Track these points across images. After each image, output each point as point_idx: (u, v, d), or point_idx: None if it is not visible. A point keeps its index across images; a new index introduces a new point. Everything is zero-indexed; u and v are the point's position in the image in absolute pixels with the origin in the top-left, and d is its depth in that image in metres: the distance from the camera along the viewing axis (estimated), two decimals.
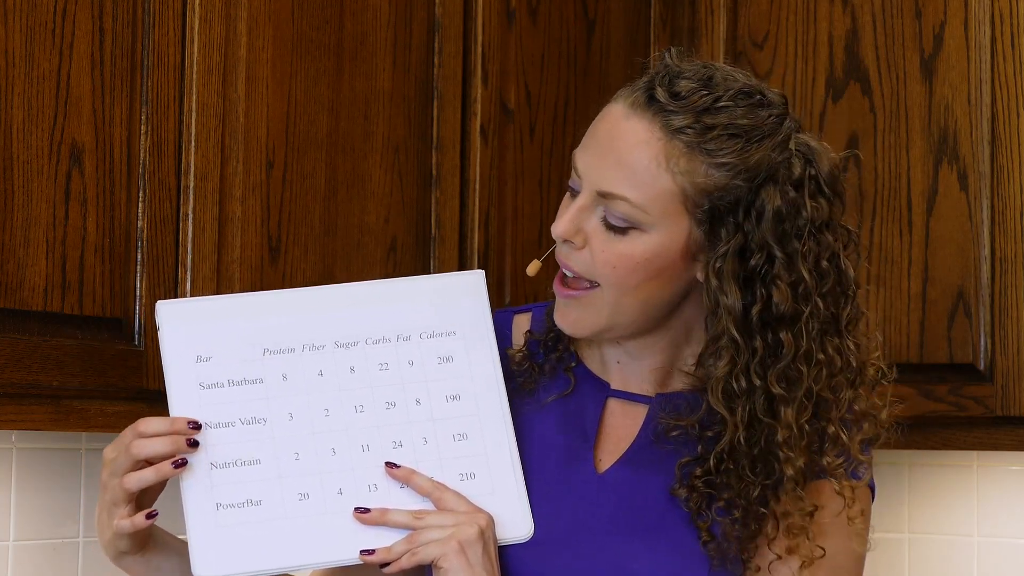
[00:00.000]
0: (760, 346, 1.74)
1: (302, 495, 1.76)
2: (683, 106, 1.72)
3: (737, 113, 1.73)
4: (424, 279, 1.88)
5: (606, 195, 1.74)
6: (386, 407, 1.80)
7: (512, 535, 1.81)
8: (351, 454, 1.78)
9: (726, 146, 1.72)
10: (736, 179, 1.71)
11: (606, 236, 1.75)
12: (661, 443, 1.83)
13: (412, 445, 1.80)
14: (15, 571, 2.28)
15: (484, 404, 1.83)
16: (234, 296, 1.88)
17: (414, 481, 1.78)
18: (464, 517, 1.75)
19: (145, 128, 2.02)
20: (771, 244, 1.73)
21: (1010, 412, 2.60)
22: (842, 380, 1.77)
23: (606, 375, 1.89)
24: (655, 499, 1.82)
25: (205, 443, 1.74)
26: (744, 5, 2.87)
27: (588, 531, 1.81)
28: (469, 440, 1.81)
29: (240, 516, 1.74)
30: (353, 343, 1.81)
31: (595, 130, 1.78)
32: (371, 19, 2.33)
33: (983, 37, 2.66)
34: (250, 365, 1.78)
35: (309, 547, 1.75)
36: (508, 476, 1.81)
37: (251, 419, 1.77)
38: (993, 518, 2.92)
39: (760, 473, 1.75)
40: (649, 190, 1.72)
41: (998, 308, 2.62)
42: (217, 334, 1.78)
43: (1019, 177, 2.61)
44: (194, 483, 1.74)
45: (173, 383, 1.76)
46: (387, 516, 1.76)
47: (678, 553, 1.79)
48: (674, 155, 1.72)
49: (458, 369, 1.83)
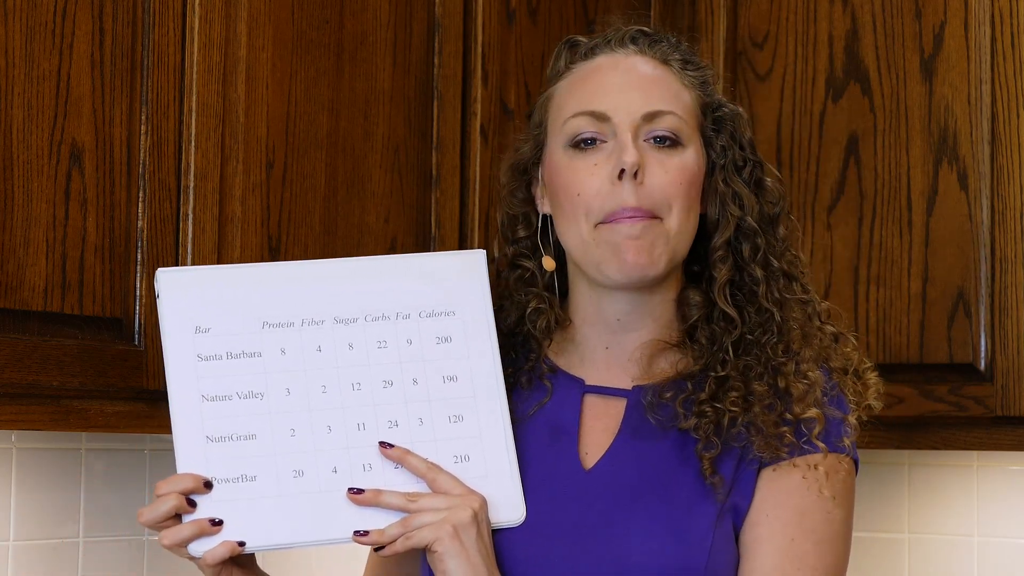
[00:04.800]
0: (763, 240, 1.90)
1: (297, 472, 1.76)
2: (659, 42, 1.93)
3: (685, 48, 1.96)
4: (426, 257, 1.88)
5: (653, 115, 1.86)
6: (383, 385, 1.80)
7: (505, 518, 1.81)
8: (346, 432, 1.78)
9: (697, 71, 1.93)
10: (711, 97, 1.93)
11: (660, 156, 1.86)
12: (643, 435, 1.85)
13: (408, 425, 1.80)
14: (15, 571, 2.28)
15: (480, 386, 1.83)
16: (235, 266, 1.87)
17: (408, 461, 1.78)
18: (458, 500, 1.76)
19: (145, 128, 2.02)
20: (750, 155, 1.93)
21: (1010, 412, 2.60)
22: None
23: (582, 371, 1.91)
24: (646, 489, 1.83)
25: (202, 415, 1.75)
26: (744, 5, 2.88)
27: (584, 528, 1.81)
28: (464, 422, 1.81)
29: (235, 491, 1.74)
30: (352, 319, 1.81)
31: (602, 78, 1.90)
32: (371, 19, 2.33)
33: (983, 37, 2.66)
34: (249, 338, 1.78)
35: (303, 526, 1.75)
36: (502, 459, 1.82)
37: (248, 393, 1.77)
38: (993, 518, 2.92)
39: (771, 351, 1.85)
40: (682, 104, 1.89)
41: (998, 308, 2.62)
42: (216, 305, 1.78)
43: (1019, 177, 2.62)
44: (189, 456, 1.74)
45: (171, 354, 1.76)
46: (381, 498, 1.76)
47: (677, 540, 1.79)
48: (678, 75, 1.91)
49: (456, 350, 1.83)
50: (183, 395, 1.76)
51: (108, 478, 2.41)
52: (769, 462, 1.82)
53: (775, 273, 1.90)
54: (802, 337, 1.87)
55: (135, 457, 2.44)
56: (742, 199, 1.91)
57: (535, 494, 1.83)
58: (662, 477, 1.83)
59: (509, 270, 1.97)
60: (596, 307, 1.91)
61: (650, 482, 1.83)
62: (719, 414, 1.82)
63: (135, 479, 2.44)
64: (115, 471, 2.42)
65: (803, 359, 1.85)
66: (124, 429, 2.01)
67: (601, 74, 1.90)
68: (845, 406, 1.86)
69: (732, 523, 1.82)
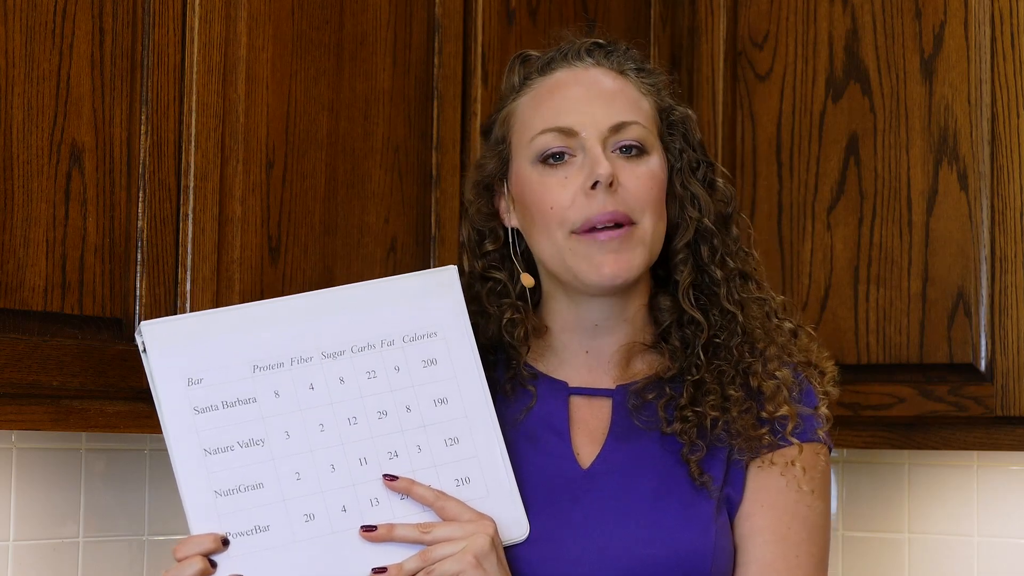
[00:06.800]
0: (719, 241, 1.94)
1: (308, 516, 1.76)
2: (613, 52, 1.97)
3: (636, 54, 2.00)
4: (399, 279, 1.88)
5: (619, 126, 1.89)
6: (378, 416, 1.81)
7: (510, 536, 1.81)
8: (350, 469, 1.79)
9: (651, 78, 1.97)
10: (664, 102, 1.96)
11: (629, 165, 1.89)
12: (634, 432, 1.88)
13: (407, 454, 1.80)
14: (15, 571, 2.28)
15: (470, 405, 1.84)
16: (217, 311, 1.86)
17: (415, 491, 1.79)
18: (471, 527, 1.77)
19: (145, 128, 2.02)
20: (701, 156, 1.97)
21: (1010, 412, 2.60)
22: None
23: (563, 374, 1.94)
24: (646, 483, 1.84)
25: (207, 470, 1.75)
26: (744, 5, 2.87)
27: (589, 528, 1.82)
28: (460, 444, 1.82)
29: (251, 544, 1.74)
30: (339, 352, 1.81)
31: (565, 92, 1.92)
32: (371, 19, 2.33)
33: (983, 37, 2.65)
34: (241, 384, 1.78)
35: (321, 569, 1.76)
36: (501, 476, 1.82)
37: (249, 441, 1.77)
38: (993, 518, 2.92)
39: (737, 352, 1.90)
40: (644, 113, 1.93)
41: (998, 308, 2.62)
42: (204, 353, 1.77)
43: (1019, 177, 2.61)
44: (200, 513, 1.74)
45: (167, 409, 1.76)
46: (394, 532, 1.77)
47: (683, 531, 1.82)
48: (636, 84, 1.95)
49: (443, 371, 1.83)
50: (185, 451, 1.76)
51: (108, 478, 2.41)
52: (751, 459, 1.88)
53: (732, 273, 1.94)
54: (764, 335, 1.92)
55: (135, 457, 2.44)
56: (699, 201, 1.94)
57: (536, 497, 1.84)
58: (660, 471, 1.86)
59: (480, 283, 1.98)
60: (574, 313, 1.92)
61: (648, 477, 1.85)
62: (700, 417, 1.87)
63: (135, 479, 2.44)
64: (115, 471, 2.42)
65: (769, 357, 1.91)
66: (124, 429, 2.01)
67: (563, 89, 1.92)
68: (814, 397, 1.92)
69: (727, 514, 1.87)
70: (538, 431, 1.90)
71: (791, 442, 1.88)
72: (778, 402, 1.88)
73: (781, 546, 1.86)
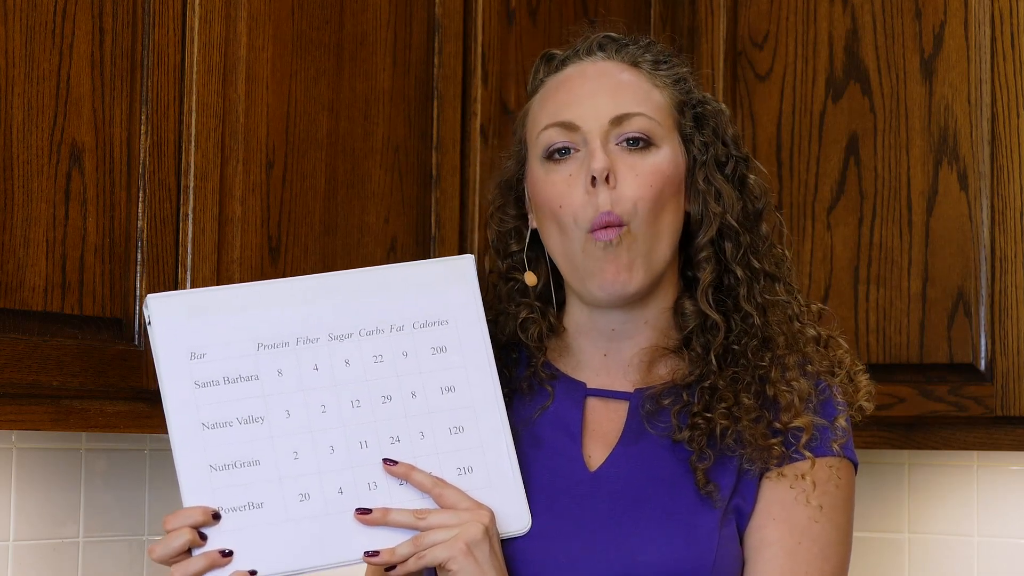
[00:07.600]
0: (745, 238, 1.89)
1: (303, 496, 1.75)
2: (627, 46, 1.93)
3: (658, 48, 1.95)
4: (415, 265, 1.86)
5: (621, 118, 1.85)
6: (382, 401, 1.79)
7: (510, 528, 1.80)
8: (349, 451, 1.77)
9: (671, 70, 1.93)
10: (689, 95, 1.92)
11: (632, 159, 1.85)
12: (647, 437, 1.86)
13: (410, 440, 1.79)
14: (15, 571, 2.28)
15: (478, 395, 1.82)
16: (225, 288, 1.84)
17: (413, 477, 1.78)
18: (467, 515, 1.75)
19: (145, 128, 2.02)
20: (733, 151, 1.92)
21: (1010, 412, 2.60)
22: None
23: (582, 375, 1.92)
24: (652, 490, 1.83)
25: (204, 444, 1.74)
26: (744, 5, 2.87)
27: (591, 529, 1.82)
28: (465, 433, 1.81)
29: (243, 520, 1.73)
30: (347, 335, 1.80)
31: (570, 87, 1.90)
32: (371, 19, 2.33)
33: (983, 37, 2.66)
34: (244, 361, 1.76)
35: (313, 550, 1.75)
36: (505, 468, 1.81)
37: (248, 418, 1.76)
38: (993, 518, 2.92)
39: (754, 357, 1.85)
40: (652, 104, 1.88)
41: (998, 308, 2.62)
42: (209, 328, 1.76)
43: (1019, 177, 2.61)
44: (194, 486, 1.73)
45: (168, 382, 1.75)
46: (389, 516, 1.76)
47: (684, 539, 1.80)
48: (648, 76, 1.91)
49: (452, 359, 1.82)
50: (183, 424, 1.74)
51: (108, 478, 2.41)
52: (763, 470, 1.84)
53: (757, 274, 1.89)
54: (786, 342, 1.87)
55: (135, 457, 2.44)
56: (723, 196, 1.90)
57: (541, 497, 1.83)
58: (667, 478, 1.84)
59: (503, 283, 1.97)
60: (589, 319, 1.91)
61: (655, 483, 1.83)
62: (711, 425, 1.83)
63: (135, 479, 2.44)
64: (115, 471, 2.42)
65: (788, 365, 1.85)
66: (124, 429, 2.01)
67: (570, 84, 1.90)
68: (833, 409, 1.86)
69: (736, 524, 1.83)
70: (550, 430, 1.89)
71: (804, 455, 1.82)
72: (793, 413, 1.83)
73: (789, 561, 1.81)
